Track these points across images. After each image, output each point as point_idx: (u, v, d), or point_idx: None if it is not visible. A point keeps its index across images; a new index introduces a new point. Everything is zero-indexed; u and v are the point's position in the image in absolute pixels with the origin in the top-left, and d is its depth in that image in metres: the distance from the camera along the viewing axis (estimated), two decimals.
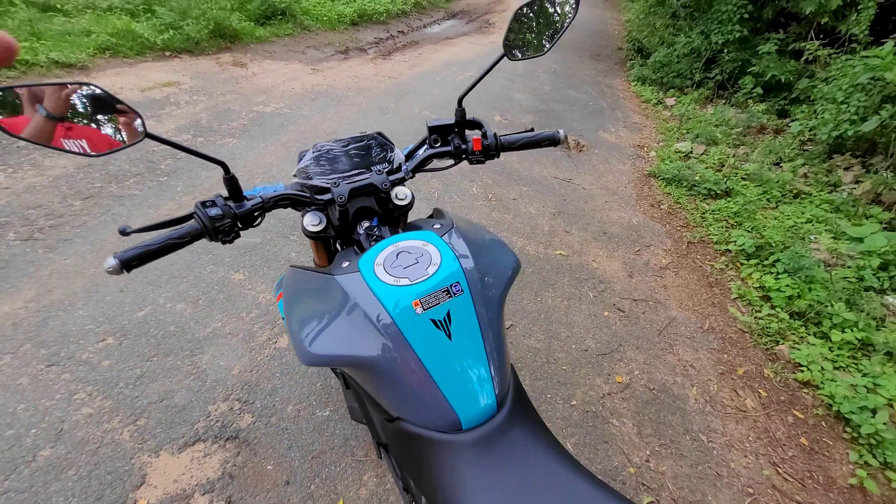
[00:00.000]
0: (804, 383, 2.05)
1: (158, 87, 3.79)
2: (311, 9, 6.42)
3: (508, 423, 0.70)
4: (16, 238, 2.14)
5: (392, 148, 0.94)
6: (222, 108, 3.63)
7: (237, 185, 0.75)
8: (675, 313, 2.38)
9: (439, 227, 0.82)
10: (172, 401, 1.60)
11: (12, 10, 3.94)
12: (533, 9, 0.82)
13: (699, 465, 1.68)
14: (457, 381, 0.68)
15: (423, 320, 0.67)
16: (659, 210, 3.36)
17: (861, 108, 3.52)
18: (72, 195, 2.45)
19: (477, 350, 0.70)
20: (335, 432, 1.58)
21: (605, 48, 8.19)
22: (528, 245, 2.70)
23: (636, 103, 5.72)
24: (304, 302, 0.79)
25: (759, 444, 1.79)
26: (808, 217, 3.15)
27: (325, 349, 0.70)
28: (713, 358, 2.15)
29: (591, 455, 1.66)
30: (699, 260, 2.84)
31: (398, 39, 6.55)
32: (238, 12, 5.46)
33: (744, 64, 5.44)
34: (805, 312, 2.33)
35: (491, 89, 5.02)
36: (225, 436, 1.53)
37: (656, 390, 1.94)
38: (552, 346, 2.07)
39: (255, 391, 1.67)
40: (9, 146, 2.71)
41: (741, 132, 4.55)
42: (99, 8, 4.57)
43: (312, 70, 4.80)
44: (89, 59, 3.93)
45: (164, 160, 2.84)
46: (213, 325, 1.89)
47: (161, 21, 4.57)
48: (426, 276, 0.70)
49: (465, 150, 0.92)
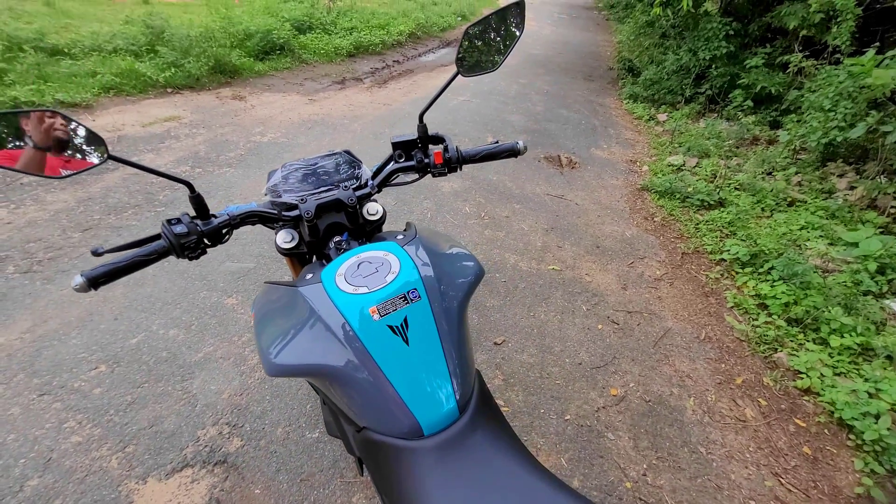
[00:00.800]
0: (804, 390, 2.01)
1: (160, 121, 3.92)
2: (308, 43, 6.65)
3: (470, 427, 0.70)
4: (15, 271, 2.19)
5: (359, 165, 0.97)
6: (221, 140, 3.73)
7: (203, 203, 0.78)
8: (671, 324, 2.36)
9: (402, 237, 0.84)
10: (162, 426, 1.60)
11: (21, 56, 4.13)
12: (482, 28, 0.86)
13: (698, 478, 1.64)
14: (416, 387, 0.69)
15: (379, 326, 0.68)
16: (652, 222, 3.37)
17: (848, 115, 3.56)
18: (71, 228, 2.51)
19: (435, 355, 0.70)
20: (324, 454, 1.57)
21: (596, 69, 8.37)
22: (521, 261, 2.71)
23: (628, 120, 5.81)
24: (272, 314, 0.81)
25: (760, 455, 1.74)
26: (803, 224, 3.15)
27: (288, 360, 0.71)
28: (710, 368, 2.12)
29: (587, 470, 1.62)
30: (694, 270, 2.83)
31: (393, 69, 6.75)
32: (238, 49, 5.67)
33: (733, 78, 5.54)
34: (802, 319, 2.30)
35: (484, 112, 5.13)
36: (213, 460, 1.52)
37: (652, 402, 1.91)
38: (545, 360, 2.05)
39: (245, 414, 1.67)
40: (13, 182, 2.80)
41: (733, 144, 4.59)
42: (104, 50, 4.77)
43: (309, 100, 4.95)
44: (94, 98, 4.09)
45: (161, 191, 2.92)
46: (204, 350, 1.90)
47: (163, 60, 4.75)
48: (384, 284, 0.71)
49: (428, 163, 0.95)
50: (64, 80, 4.13)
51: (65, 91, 3.93)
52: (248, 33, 5.92)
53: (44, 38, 4.55)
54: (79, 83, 4.15)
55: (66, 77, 4.18)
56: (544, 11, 14.89)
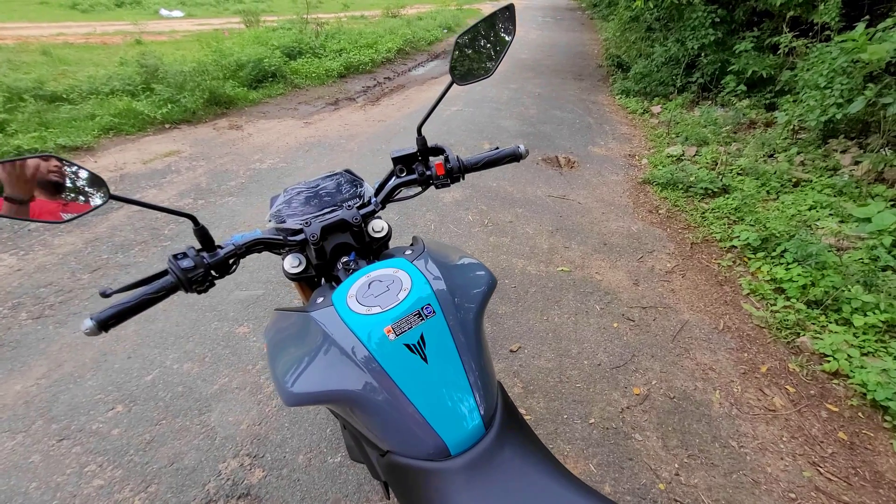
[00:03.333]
0: (833, 374, 1.96)
1: (160, 157, 3.96)
2: (299, 68, 6.74)
3: (498, 443, 0.68)
4: (27, 317, 2.20)
5: (361, 183, 0.96)
6: (221, 170, 3.76)
7: (208, 235, 0.77)
8: (687, 316, 2.32)
9: (410, 252, 0.82)
10: (182, 463, 1.58)
11: (22, 105, 4.20)
12: (474, 36, 0.85)
13: (733, 474, 1.59)
14: (439, 406, 0.67)
15: (396, 346, 0.66)
16: (657, 215, 3.34)
17: (845, 91, 3.53)
18: (80, 269, 2.52)
19: (455, 371, 0.68)
20: (348, 479, 1.54)
21: (585, 68, 8.41)
22: (529, 265, 2.69)
23: (622, 115, 5.80)
24: (285, 342, 0.79)
25: (794, 444, 1.69)
26: (811, 203, 3.10)
27: (305, 388, 0.70)
28: (733, 358, 2.08)
29: (617, 475, 1.58)
30: (705, 260, 2.79)
31: (385, 85, 6.82)
32: (231, 80, 5.75)
33: (723, 64, 5.54)
34: (822, 300, 2.26)
35: (478, 119, 5.15)
36: (236, 494, 1.49)
37: (677, 398, 1.87)
38: (564, 364, 2.02)
39: (265, 444, 1.65)
40: (20, 230, 2.83)
41: (731, 129, 4.56)
42: (102, 92, 4.85)
43: (305, 124, 4.99)
44: (94, 140, 4.15)
45: (166, 226, 2.93)
46: (220, 382, 1.89)
47: (159, 97, 4.83)
48: (397, 302, 0.70)
49: (430, 175, 0.94)
50: (64, 124, 4.20)
51: (66, 136, 3.99)
52: (240, 63, 6.01)
53: (43, 86, 4.64)
54: (79, 127, 4.21)
55: (66, 122, 4.24)
56: (528, 16, 15.05)
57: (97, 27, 10.25)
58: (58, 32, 9.26)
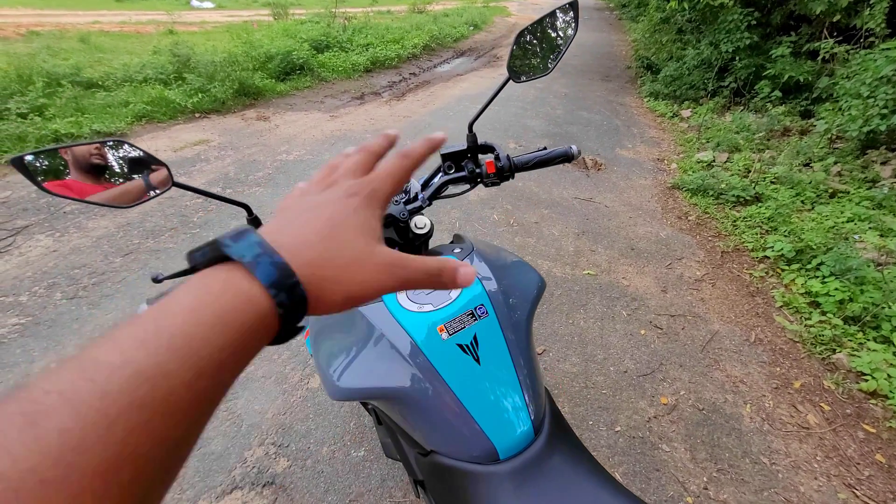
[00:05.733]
0: (871, 393, 1.89)
1: (190, 146, 4.03)
2: (326, 61, 6.79)
3: (548, 449, 0.67)
4: (62, 297, 2.26)
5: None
6: (249, 160, 3.81)
7: (260, 225, 0.77)
8: (717, 327, 2.27)
9: (459, 251, 0.81)
10: (209, 448, 1.61)
11: (60, 91, 4.32)
12: (534, 33, 0.83)
13: (764, 491, 1.54)
14: (490, 408, 0.66)
15: (449, 346, 0.65)
16: (687, 221, 3.26)
17: (890, 101, 3.40)
18: (113, 253, 2.58)
19: (508, 374, 0.67)
20: (371, 473, 1.54)
21: (613, 69, 8.28)
22: (555, 267, 2.65)
23: (651, 118, 5.69)
24: (331, 336, 0.79)
25: (828, 464, 1.64)
26: (849, 216, 3.00)
27: (353, 382, 0.69)
28: (765, 372, 2.02)
29: (643, 485, 1.55)
30: (736, 269, 2.72)
31: (410, 81, 6.82)
32: (260, 71, 5.82)
33: (758, 69, 5.38)
34: (860, 316, 2.18)
35: (503, 118, 5.11)
36: (262, 482, 1.51)
37: (706, 410, 1.82)
38: (589, 369, 1.99)
39: (290, 434, 1.66)
40: (56, 212, 2.91)
41: (764, 136, 4.44)
42: (135, 81, 4.96)
43: (331, 117, 5.02)
44: (127, 126, 4.24)
45: (196, 213, 2.98)
46: (246, 369, 1.90)
47: (190, 86, 4.91)
48: (450, 301, 0.69)
49: (480, 173, 0.93)
50: (99, 111, 4.30)
51: (101, 122, 4.09)
52: (269, 55, 6.08)
53: (80, 73, 4.77)
54: (113, 113, 4.31)
55: (101, 108, 4.35)
56: None
57: (131, 16, 10.49)
58: (93, 20, 9.51)
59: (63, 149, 0.61)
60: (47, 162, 0.60)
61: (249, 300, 0.25)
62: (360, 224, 0.32)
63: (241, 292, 0.25)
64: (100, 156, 0.61)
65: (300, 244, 0.29)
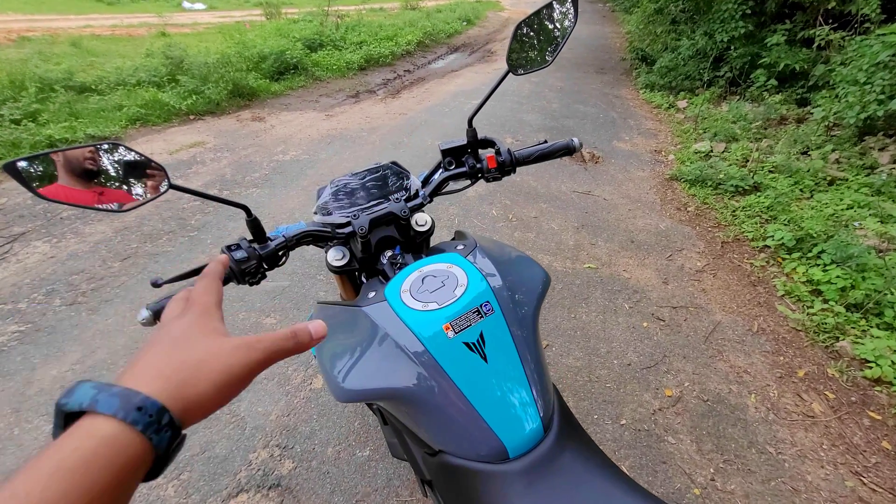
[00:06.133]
0: (875, 380, 1.89)
1: (185, 148, 4.01)
2: (320, 60, 6.75)
3: (558, 447, 0.66)
4: (61, 303, 2.24)
5: (408, 175, 0.94)
6: (245, 161, 3.79)
7: (260, 226, 0.76)
8: (720, 317, 2.26)
9: (462, 247, 0.80)
10: (214, 451, 1.60)
11: (53, 96, 4.29)
12: (531, 25, 0.82)
13: (772, 481, 1.54)
14: (498, 406, 0.65)
15: (455, 344, 0.64)
16: (686, 212, 3.26)
17: (887, 87, 3.39)
18: (111, 258, 2.57)
19: (516, 371, 0.66)
20: (377, 472, 1.54)
21: (608, 61, 8.25)
22: (555, 261, 2.65)
23: (647, 110, 5.68)
24: (334, 337, 0.78)
25: (835, 453, 1.64)
26: (849, 203, 2.99)
27: (359, 384, 0.68)
28: (768, 361, 2.02)
29: (650, 478, 1.55)
30: (737, 259, 2.72)
31: (405, 78, 6.79)
32: (254, 71, 5.78)
33: (753, 58, 5.37)
34: (863, 303, 2.17)
35: (499, 113, 5.09)
36: (267, 484, 1.50)
37: (711, 401, 1.82)
38: (592, 363, 1.98)
39: (294, 435, 1.65)
40: (53, 218, 2.89)
41: (761, 125, 4.43)
42: (129, 84, 4.92)
43: (326, 116, 5.00)
44: (122, 130, 4.22)
45: (193, 216, 2.96)
46: None
47: (184, 88, 4.87)
48: (454, 299, 0.67)
49: (481, 168, 0.92)
50: (93, 115, 4.27)
51: (95, 126, 4.06)
52: (263, 55, 6.04)
53: (72, 77, 4.73)
54: (107, 117, 4.28)
55: (95, 112, 4.32)
56: None
57: (123, 19, 10.41)
58: (85, 24, 9.43)
59: (57, 153, 0.59)
60: (42, 167, 0.58)
61: (106, 437, 0.28)
62: (199, 329, 0.37)
63: (95, 434, 0.28)
64: (95, 160, 0.60)
65: (145, 365, 0.34)
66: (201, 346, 0.36)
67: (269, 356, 0.38)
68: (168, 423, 0.30)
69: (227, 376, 0.35)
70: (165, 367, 0.33)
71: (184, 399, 0.32)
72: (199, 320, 0.39)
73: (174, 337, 0.36)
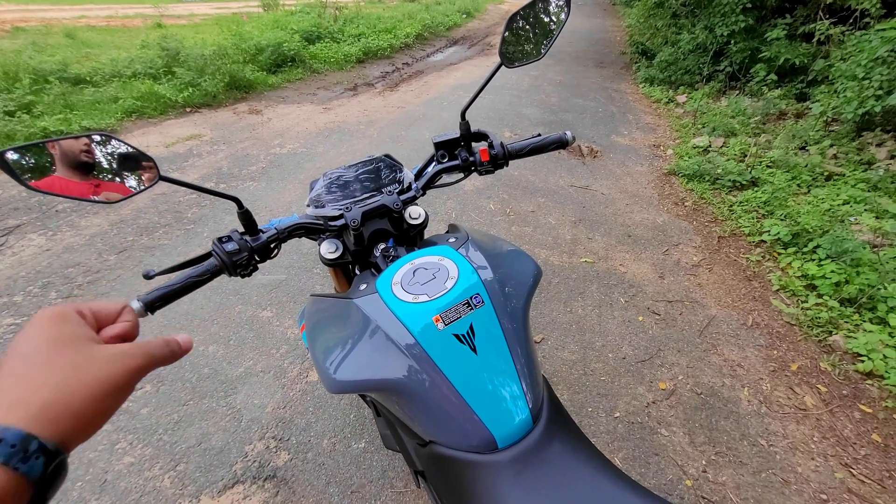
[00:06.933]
0: (867, 374, 1.90)
1: (182, 141, 3.99)
2: (318, 53, 6.70)
3: (546, 437, 0.67)
4: (57, 297, 2.24)
5: (401, 168, 0.94)
6: (241, 155, 3.77)
7: (251, 218, 0.76)
8: (715, 311, 2.27)
9: (454, 240, 0.80)
10: (210, 443, 1.61)
11: (47, 87, 4.26)
12: (524, 17, 0.82)
13: (762, 472, 1.56)
14: (488, 397, 0.65)
15: (445, 336, 0.65)
16: (683, 207, 3.26)
17: (885, 82, 3.39)
18: (107, 251, 2.56)
19: (505, 363, 0.67)
20: (372, 464, 1.55)
21: (608, 55, 8.21)
22: (552, 255, 2.65)
23: (646, 104, 5.66)
24: (326, 329, 0.78)
25: (826, 445, 1.65)
26: (845, 198, 3.00)
27: (350, 375, 0.68)
28: (762, 355, 2.03)
29: (643, 469, 1.56)
30: (733, 254, 2.73)
31: (403, 71, 6.75)
32: (251, 64, 5.74)
33: (753, 52, 5.35)
34: (856, 298, 2.19)
35: (498, 106, 5.07)
36: (263, 476, 1.51)
37: (704, 394, 1.84)
38: (588, 356, 1.99)
39: (290, 427, 1.66)
40: (48, 210, 2.88)
41: (760, 120, 4.42)
42: (124, 76, 4.89)
43: (324, 109, 4.97)
44: (118, 122, 4.19)
45: (189, 209, 2.96)
46: (245, 365, 1.91)
47: (181, 81, 4.84)
48: (445, 291, 0.68)
49: (474, 161, 0.92)
50: (88, 107, 4.24)
51: (90, 118, 4.03)
52: (260, 48, 5.99)
53: (67, 69, 4.69)
54: (102, 109, 4.26)
55: (90, 104, 4.29)
56: None
57: (118, 10, 10.31)
58: (80, 15, 9.35)
59: (49, 143, 0.59)
60: (33, 159, 0.58)
61: None
62: (56, 341, 0.34)
63: None
64: (87, 152, 0.60)
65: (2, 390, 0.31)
66: (64, 360, 0.33)
67: (148, 362, 0.37)
68: (38, 450, 0.28)
69: (106, 386, 0.33)
70: (23, 391, 0.31)
71: (54, 421, 0.30)
72: (51, 331, 0.34)
73: (24, 355, 0.33)
